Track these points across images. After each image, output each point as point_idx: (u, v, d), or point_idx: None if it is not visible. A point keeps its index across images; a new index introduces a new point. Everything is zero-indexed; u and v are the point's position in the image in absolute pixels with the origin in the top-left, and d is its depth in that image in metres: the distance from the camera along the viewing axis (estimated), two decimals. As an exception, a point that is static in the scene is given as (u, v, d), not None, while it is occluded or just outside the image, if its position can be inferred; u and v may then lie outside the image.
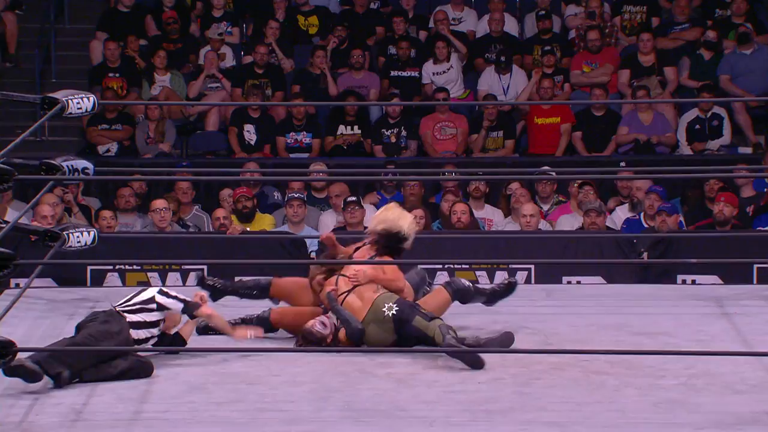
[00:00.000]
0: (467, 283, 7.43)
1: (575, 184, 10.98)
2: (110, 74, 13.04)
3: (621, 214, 10.97)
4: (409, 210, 9.92)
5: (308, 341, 7.06)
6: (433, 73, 13.15)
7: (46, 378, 6.43)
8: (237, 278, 8.01)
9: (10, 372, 6.27)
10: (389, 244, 7.27)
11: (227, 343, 7.15)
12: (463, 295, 7.37)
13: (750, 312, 7.83)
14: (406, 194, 11.07)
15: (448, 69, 13.14)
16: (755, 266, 9.06)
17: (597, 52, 13.22)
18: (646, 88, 12.55)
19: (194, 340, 7.04)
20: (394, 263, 7.28)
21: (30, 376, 6.31)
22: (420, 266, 7.64)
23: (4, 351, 5.60)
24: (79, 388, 6.37)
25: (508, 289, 7.60)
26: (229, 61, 13.36)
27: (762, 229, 10.20)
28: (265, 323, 7.33)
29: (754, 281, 9.06)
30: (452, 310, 7.30)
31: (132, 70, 13.13)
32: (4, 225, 7.67)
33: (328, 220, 10.75)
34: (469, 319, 7.47)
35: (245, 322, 7.36)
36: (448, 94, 12.80)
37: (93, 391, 6.34)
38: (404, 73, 13.25)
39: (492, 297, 7.54)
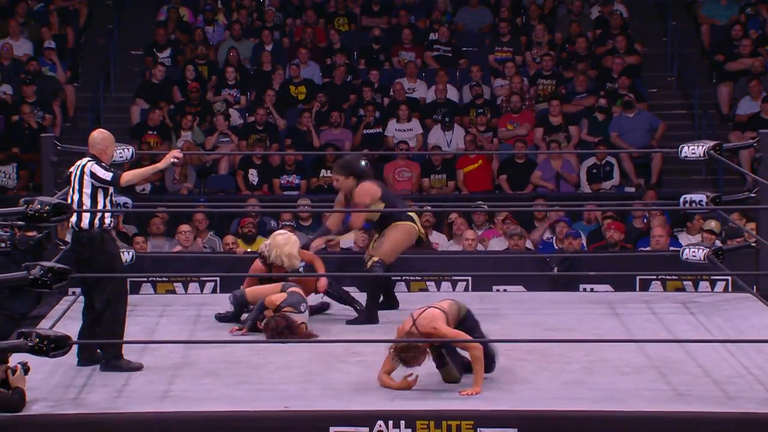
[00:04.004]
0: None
1: (500, 216, 11.02)
2: (149, 132, 12.98)
3: (538, 237, 10.98)
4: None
5: (280, 329, 6.88)
6: (396, 130, 13.15)
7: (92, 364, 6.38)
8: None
9: None
10: None
11: (234, 337, 7.11)
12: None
13: (634, 312, 7.82)
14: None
15: (410, 129, 13.15)
16: (638, 277, 9.09)
17: (518, 113, 13.26)
18: (557, 141, 12.62)
19: (208, 336, 6.95)
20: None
21: None
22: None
23: (62, 343, 5.56)
24: (121, 373, 6.29)
25: None
26: (235, 120, 13.30)
27: (642, 249, 10.25)
28: (243, 300, 7.24)
29: (637, 289, 9.08)
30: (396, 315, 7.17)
31: (164, 129, 13.10)
32: (64, 247, 7.63)
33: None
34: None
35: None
36: (408, 145, 12.82)
37: (132, 375, 6.28)
38: (371, 130, 13.24)
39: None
